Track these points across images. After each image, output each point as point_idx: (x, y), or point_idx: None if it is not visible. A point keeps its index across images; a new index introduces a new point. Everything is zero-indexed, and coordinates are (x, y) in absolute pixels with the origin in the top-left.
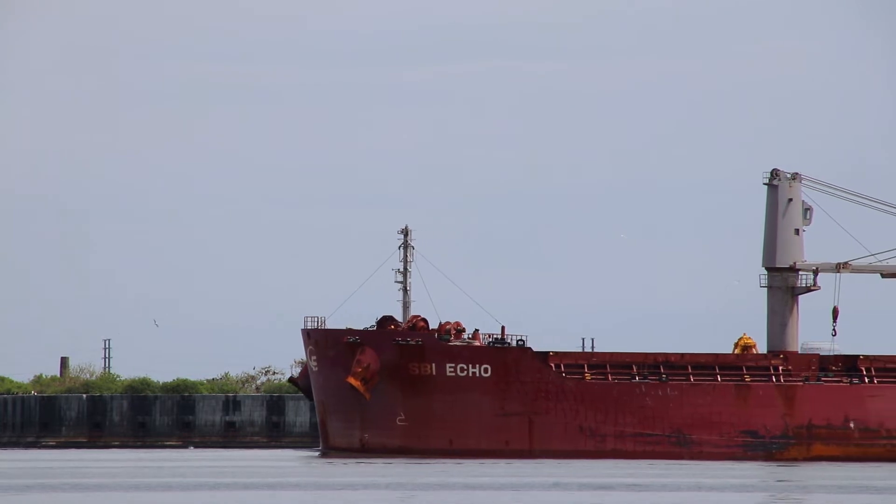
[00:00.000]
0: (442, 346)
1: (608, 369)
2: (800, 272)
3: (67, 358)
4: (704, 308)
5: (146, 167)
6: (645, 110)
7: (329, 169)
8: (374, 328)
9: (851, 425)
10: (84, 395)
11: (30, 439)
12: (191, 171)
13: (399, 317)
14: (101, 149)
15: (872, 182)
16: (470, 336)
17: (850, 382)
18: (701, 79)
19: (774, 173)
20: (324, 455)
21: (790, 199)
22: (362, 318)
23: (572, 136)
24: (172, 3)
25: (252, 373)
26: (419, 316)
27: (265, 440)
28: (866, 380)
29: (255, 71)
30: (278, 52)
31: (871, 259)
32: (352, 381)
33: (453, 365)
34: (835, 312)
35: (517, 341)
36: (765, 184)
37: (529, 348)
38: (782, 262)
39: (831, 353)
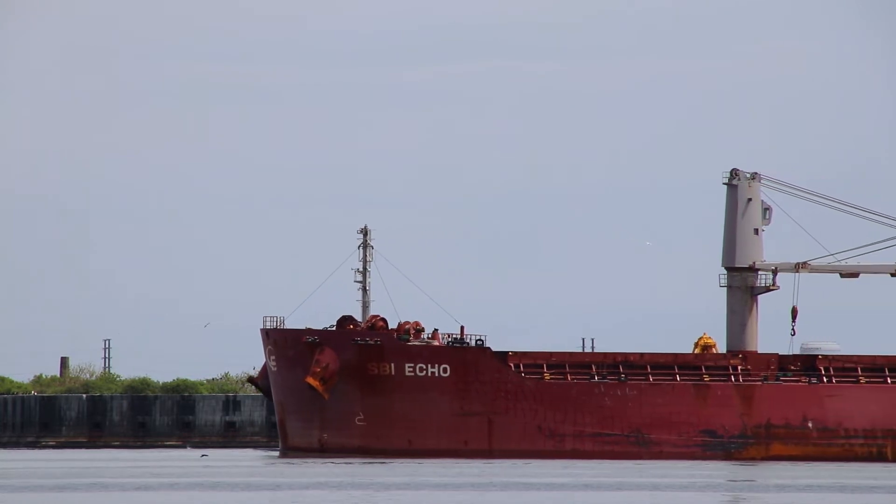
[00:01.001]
0: (401, 345)
1: (567, 369)
2: (759, 272)
3: (67, 358)
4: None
5: (146, 167)
6: (645, 110)
7: (329, 169)
8: (334, 328)
9: (810, 425)
10: (84, 395)
11: (30, 439)
12: (191, 171)
13: (359, 317)
14: (101, 149)
15: (832, 182)
16: (429, 336)
17: (809, 382)
18: (701, 79)
19: (734, 173)
20: (283, 455)
21: (749, 199)
22: (322, 318)
23: (572, 136)
24: (172, 3)
25: (252, 373)
26: (378, 316)
27: (265, 440)
28: (825, 379)
29: (255, 71)
30: (278, 52)
31: (830, 259)
32: (310, 381)
33: (412, 365)
34: (794, 312)
35: (476, 341)
36: (724, 183)
37: (488, 348)
38: (741, 262)
39: (831, 354)
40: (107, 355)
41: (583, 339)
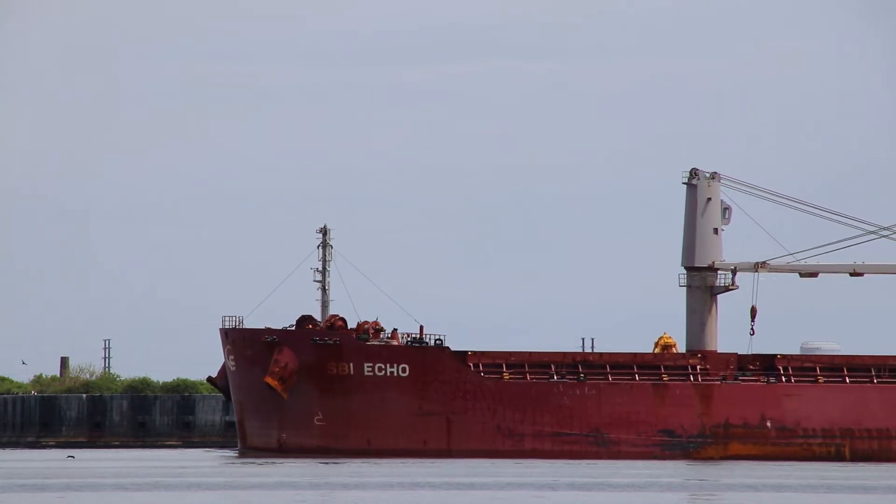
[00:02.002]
0: (360, 345)
1: (527, 369)
2: (718, 271)
3: (67, 358)
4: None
5: (146, 167)
6: (644, 110)
7: (329, 169)
8: (293, 328)
9: (768, 424)
10: (84, 395)
11: (30, 439)
12: (191, 170)
13: (319, 316)
14: (101, 149)
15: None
16: (388, 336)
17: (767, 382)
18: (701, 79)
19: (693, 172)
20: (242, 455)
21: (709, 199)
22: (282, 318)
23: (571, 136)
24: (172, 3)
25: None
26: (337, 315)
27: None
28: (783, 379)
29: (255, 71)
30: (278, 52)
31: (790, 258)
32: (269, 380)
33: (371, 364)
34: (753, 312)
35: (435, 340)
36: (684, 183)
37: (447, 348)
38: (701, 262)
39: (832, 354)
40: (107, 355)
41: (583, 339)
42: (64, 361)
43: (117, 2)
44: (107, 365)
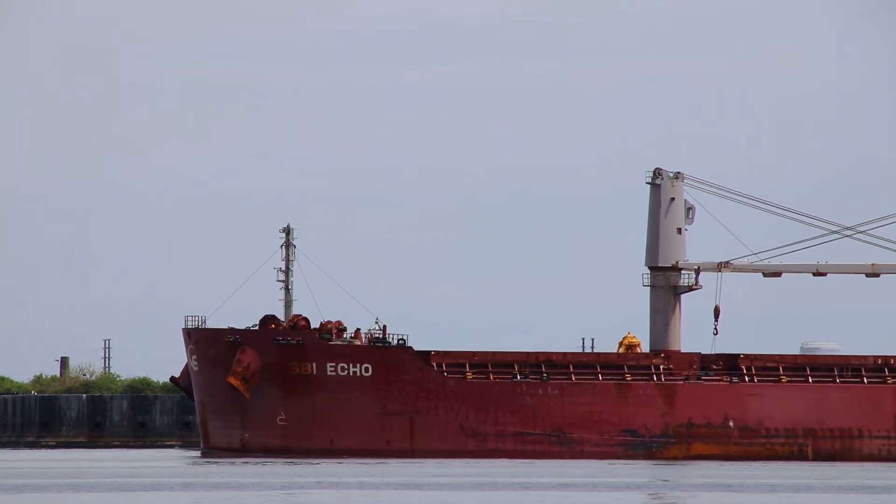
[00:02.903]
0: (322, 345)
1: (490, 368)
2: (682, 271)
3: (67, 358)
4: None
5: (146, 167)
6: (643, 110)
7: (329, 168)
8: (257, 328)
9: (731, 424)
10: (84, 395)
11: (30, 439)
12: (191, 170)
13: (282, 316)
14: (101, 149)
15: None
16: (351, 335)
17: (730, 381)
18: (701, 79)
19: (657, 172)
20: (204, 455)
21: (672, 199)
22: (245, 317)
23: (571, 136)
24: (172, 3)
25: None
26: (300, 315)
27: None
28: (746, 379)
29: (255, 71)
30: (278, 52)
31: (753, 258)
32: (232, 380)
33: (334, 364)
34: (716, 311)
35: (398, 340)
36: (647, 183)
37: (410, 347)
38: (664, 262)
39: (833, 353)
40: (107, 355)
41: (583, 339)
42: (64, 361)
43: (117, 2)
44: (107, 365)
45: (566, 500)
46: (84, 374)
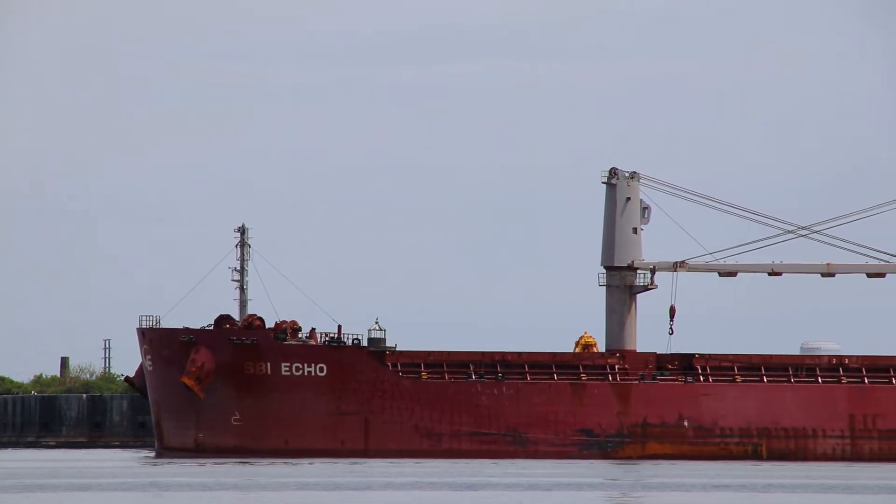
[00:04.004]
0: (277, 345)
1: (445, 368)
2: (637, 271)
3: (67, 358)
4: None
5: (146, 167)
6: (643, 110)
7: (330, 168)
8: (212, 327)
9: (685, 424)
10: (84, 395)
11: (30, 439)
12: (191, 170)
13: (237, 316)
14: (102, 149)
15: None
16: (306, 335)
17: (685, 381)
18: (701, 79)
19: (613, 172)
20: (159, 455)
21: (628, 198)
22: (200, 317)
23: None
24: (172, 3)
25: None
26: (255, 315)
27: None
28: (701, 378)
29: (255, 71)
30: (278, 52)
31: (709, 258)
32: (186, 380)
33: (288, 364)
34: (672, 311)
35: (353, 340)
36: (603, 182)
37: (365, 347)
38: (620, 261)
39: (834, 353)
40: (107, 355)
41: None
42: (64, 361)
43: (117, 2)
44: (107, 365)
45: (520, 500)
46: (84, 374)
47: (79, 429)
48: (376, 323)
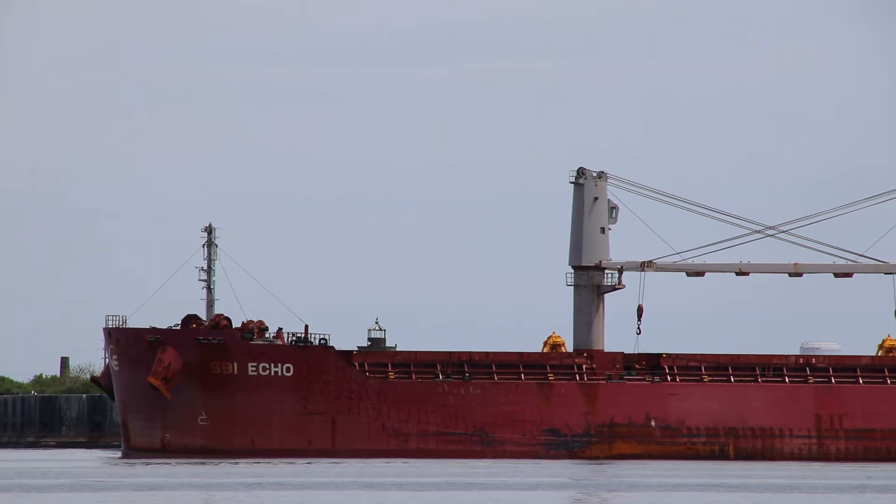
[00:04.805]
0: (244, 345)
1: (412, 368)
2: (605, 271)
3: (67, 358)
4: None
5: (147, 167)
6: (641, 109)
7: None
8: (179, 327)
9: (652, 423)
10: (84, 395)
11: (30, 439)
12: (191, 170)
13: (205, 316)
14: (102, 149)
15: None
16: (273, 335)
17: (653, 381)
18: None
19: (580, 172)
20: (125, 456)
21: (596, 198)
22: (168, 317)
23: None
24: (172, 3)
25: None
26: (222, 315)
27: None
28: (668, 378)
29: (255, 71)
30: (278, 52)
31: (676, 258)
32: (152, 380)
33: (255, 364)
34: (639, 311)
35: (320, 340)
36: (571, 182)
37: (332, 347)
38: (588, 261)
39: (833, 353)
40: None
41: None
42: (64, 361)
43: (117, 2)
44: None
45: (486, 500)
46: (84, 374)
47: (79, 429)
48: (376, 323)
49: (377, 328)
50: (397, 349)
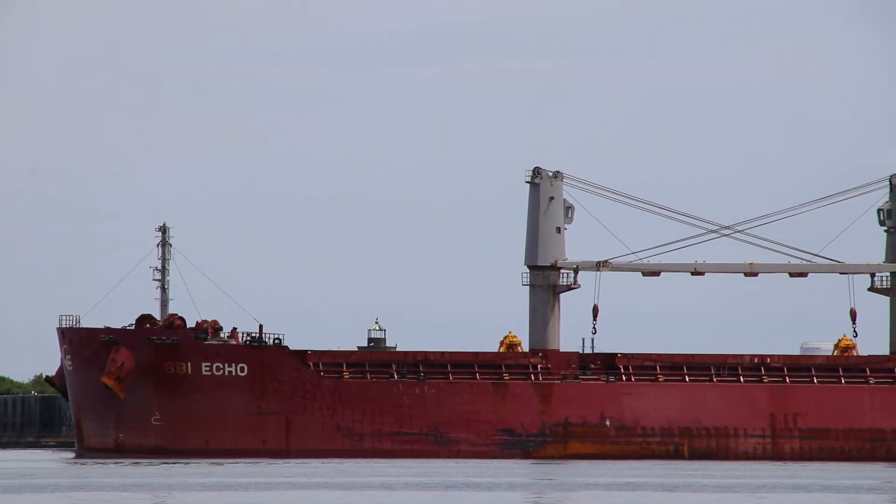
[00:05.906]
0: (198, 344)
1: (367, 368)
2: (561, 270)
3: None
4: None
5: (147, 167)
6: (641, 109)
7: (331, 167)
8: (133, 327)
9: (607, 423)
10: None
11: (30, 439)
12: (191, 170)
13: (159, 316)
14: (102, 149)
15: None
16: (227, 335)
17: (607, 381)
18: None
19: (536, 171)
20: (79, 456)
21: (552, 198)
22: (122, 317)
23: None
24: (172, 3)
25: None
26: (176, 314)
27: None
28: (623, 378)
29: (255, 71)
30: (279, 52)
31: (632, 258)
32: (106, 380)
33: (209, 364)
34: (595, 311)
35: (274, 340)
36: (527, 182)
37: (286, 347)
38: (544, 261)
39: (826, 354)
40: None
41: (582, 339)
42: None
43: (117, 2)
44: None
45: (440, 500)
46: None
47: None
48: (376, 323)
49: (377, 328)
50: (397, 349)
